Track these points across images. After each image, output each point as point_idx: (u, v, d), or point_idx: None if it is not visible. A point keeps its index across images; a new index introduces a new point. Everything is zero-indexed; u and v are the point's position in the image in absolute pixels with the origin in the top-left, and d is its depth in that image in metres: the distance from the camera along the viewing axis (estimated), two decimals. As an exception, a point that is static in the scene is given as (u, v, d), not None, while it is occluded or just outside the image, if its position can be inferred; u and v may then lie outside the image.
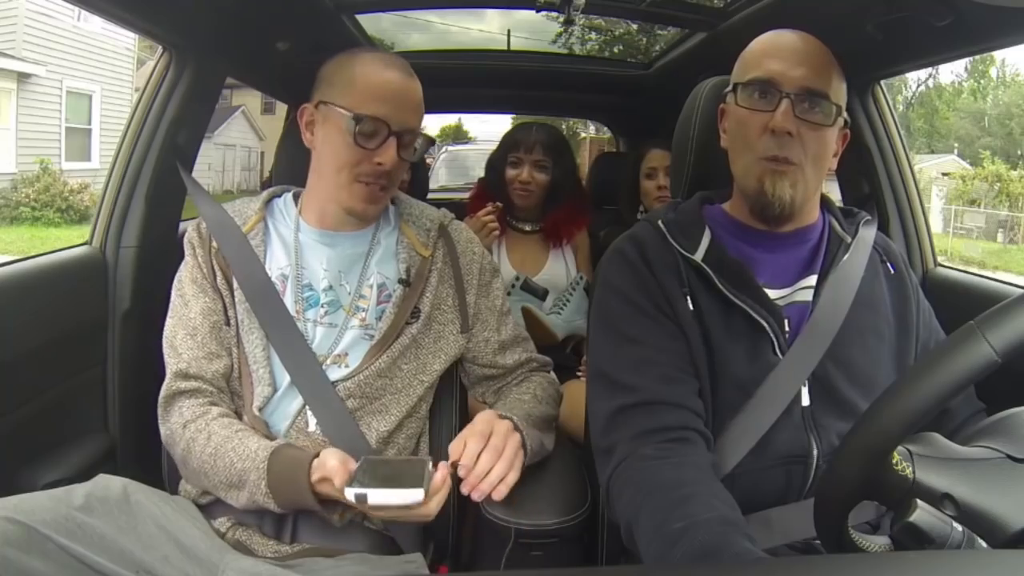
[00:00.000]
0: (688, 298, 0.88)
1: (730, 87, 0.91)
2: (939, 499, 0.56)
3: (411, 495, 0.79)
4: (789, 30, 0.91)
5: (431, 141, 1.05)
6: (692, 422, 0.83)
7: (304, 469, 0.87)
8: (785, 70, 0.86)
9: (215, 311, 1.00)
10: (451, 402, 1.12)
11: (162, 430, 0.99)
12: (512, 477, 0.90)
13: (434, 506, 0.85)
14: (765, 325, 0.87)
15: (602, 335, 0.92)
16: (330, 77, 1.01)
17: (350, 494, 0.79)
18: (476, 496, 0.88)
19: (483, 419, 0.94)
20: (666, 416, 0.83)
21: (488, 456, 0.89)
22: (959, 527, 0.55)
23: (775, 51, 0.88)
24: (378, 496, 0.79)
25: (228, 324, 1.01)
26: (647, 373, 0.85)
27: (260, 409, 0.97)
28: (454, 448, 0.91)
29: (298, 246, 1.04)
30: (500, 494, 0.89)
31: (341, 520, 0.95)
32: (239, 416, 0.99)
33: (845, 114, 0.89)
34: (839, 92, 0.88)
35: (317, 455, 0.89)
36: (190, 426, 0.95)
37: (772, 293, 0.90)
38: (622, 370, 0.87)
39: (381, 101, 0.97)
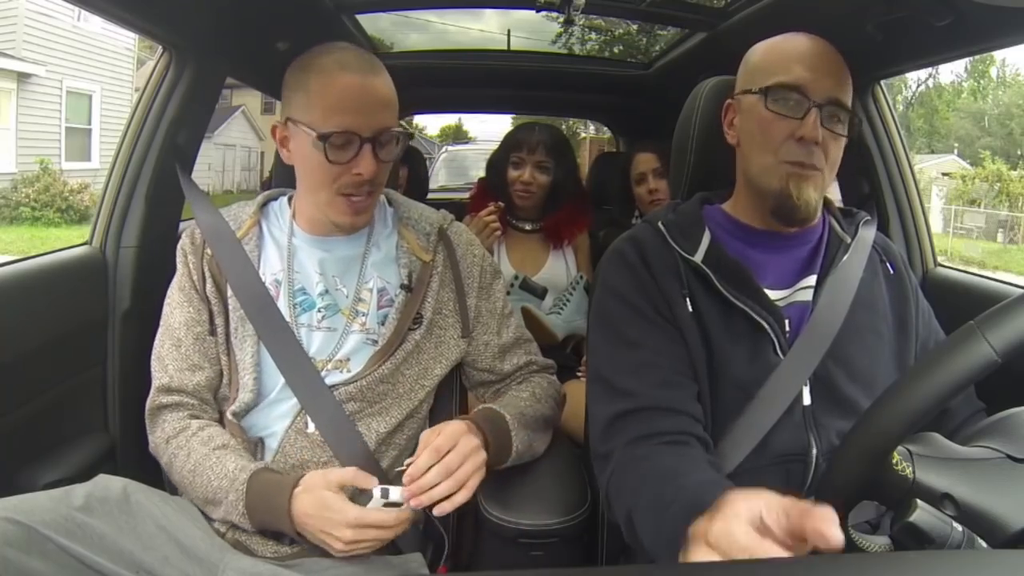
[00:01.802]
0: (687, 299, 0.88)
1: (755, 88, 0.89)
2: (939, 499, 0.56)
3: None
4: (806, 35, 0.91)
5: (409, 135, 1.02)
6: (690, 427, 0.83)
7: (286, 494, 0.88)
8: (815, 79, 0.86)
9: (199, 321, 1.01)
10: (451, 402, 1.12)
11: (150, 441, 1.01)
12: (460, 497, 0.87)
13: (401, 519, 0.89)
14: (765, 326, 0.87)
15: (601, 337, 0.92)
16: (290, 92, 0.98)
17: (378, 491, 0.88)
18: (414, 504, 0.87)
19: (449, 432, 0.91)
20: (663, 422, 0.83)
21: (437, 471, 0.87)
22: (959, 527, 0.55)
23: (802, 57, 0.88)
24: (396, 493, 0.88)
25: (212, 334, 1.01)
26: (645, 378, 0.85)
27: (236, 414, 0.98)
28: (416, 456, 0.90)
29: (292, 250, 1.03)
30: (442, 511, 0.87)
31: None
32: (223, 422, 1.00)
33: (860, 122, 0.93)
34: (851, 99, 0.90)
35: (298, 482, 0.89)
36: (172, 441, 0.97)
37: (773, 294, 0.90)
38: (620, 374, 0.87)
39: (343, 111, 0.92)
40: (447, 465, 0.87)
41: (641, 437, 0.83)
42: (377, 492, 0.88)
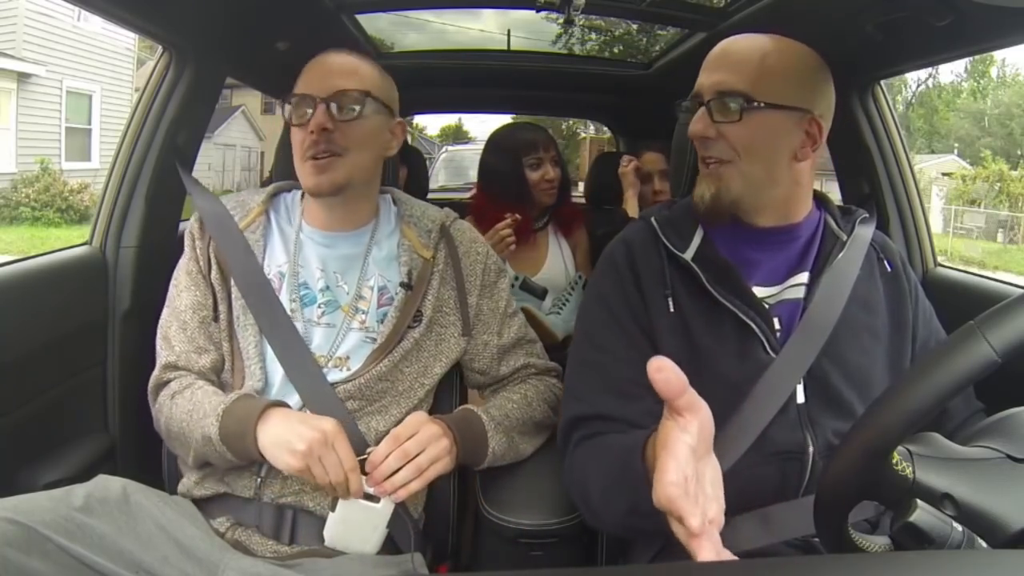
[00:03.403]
0: (669, 300, 0.89)
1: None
2: (939, 499, 0.56)
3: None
4: (738, 36, 0.92)
5: (366, 93, 1.01)
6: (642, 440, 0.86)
7: (260, 405, 0.91)
8: (705, 80, 0.90)
9: (205, 306, 1.02)
10: (451, 401, 1.12)
11: (152, 410, 1.03)
12: (415, 485, 0.91)
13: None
14: (752, 325, 0.87)
15: (577, 337, 0.96)
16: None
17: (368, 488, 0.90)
18: (379, 492, 0.91)
19: (409, 422, 0.94)
20: (612, 429, 0.86)
21: (395, 457, 0.90)
22: (959, 527, 0.55)
23: (706, 64, 0.92)
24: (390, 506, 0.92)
25: (216, 320, 1.02)
26: (605, 387, 0.88)
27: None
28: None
29: (299, 244, 1.04)
30: (397, 497, 0.91)
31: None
32: None
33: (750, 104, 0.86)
34: (769, 87, 0.86)
35: (274, 404, 0.92)
36: (177, 396, 0.98)
37: (762, 291, 0.91)
38: (584, 380, 0.91)
39: (306, 80, 1.02)
40: (405, 451, 0.91)
41: (589, 437, 0.87)
42: (368, 489, 0.91)
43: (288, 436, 0.88)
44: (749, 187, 0.89)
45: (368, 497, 0.91)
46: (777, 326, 0.89)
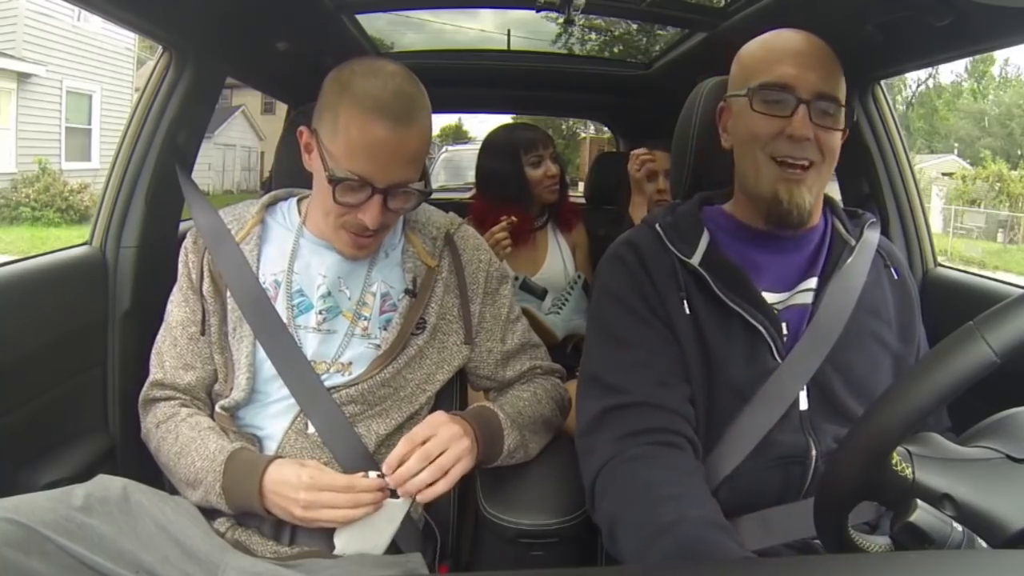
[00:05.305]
0: (685, 302, 0.88)
1: (742, 91, 0.89)
2: (939, 499, 0.56)
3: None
4: (792, 30, 0.90)
5: (425, 194, 0.99)
6: (681, 427, 0.84)
7: (257, 473, 0.91)
8: (800, 74, 0.86)
9: (193, 321, 1.02)
10: (450, 403, 1.12)
11: (142, 428, 1.04)
12: (441, 486, 0.90)
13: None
14: (762, 330, 0.86)
15: (596, 337, 0.93)
16: (323, 105, 0.93)
17: (373, 475, 0.91)
18: (402, 493, 0.90)
19: (429, 421, 0.94)
20: (654, 418, 0.83)
21: (416, 459, 0.89)
22: (959, 527, 0.55)
23: (787, 55, 0.87)
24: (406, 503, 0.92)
25: (203, 334, 1.02)
26: (639, 376, 0.86)
27: (225, 408, 0.99)
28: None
29: (296, 251, 1.03)
30: (424, 498, 0.90)
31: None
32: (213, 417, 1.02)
33: (852, 114, 0.89)
34: (844, 93, 0.89)
35: (272, 460, 0.92)
36: (161, 426, 1.00)
37: (771, 297, 0.90)
38: (613, 372, 0.88)
39: (364, 158, 0.89)
40: (426, 452, 0.90)
41: (632, 434, 0.83)
42: (373, 475, 0.92)
43: (282, 505, 0.90)
44: (818, 196, 0.89)
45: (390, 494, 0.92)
46: (784, 331, 0.88)
